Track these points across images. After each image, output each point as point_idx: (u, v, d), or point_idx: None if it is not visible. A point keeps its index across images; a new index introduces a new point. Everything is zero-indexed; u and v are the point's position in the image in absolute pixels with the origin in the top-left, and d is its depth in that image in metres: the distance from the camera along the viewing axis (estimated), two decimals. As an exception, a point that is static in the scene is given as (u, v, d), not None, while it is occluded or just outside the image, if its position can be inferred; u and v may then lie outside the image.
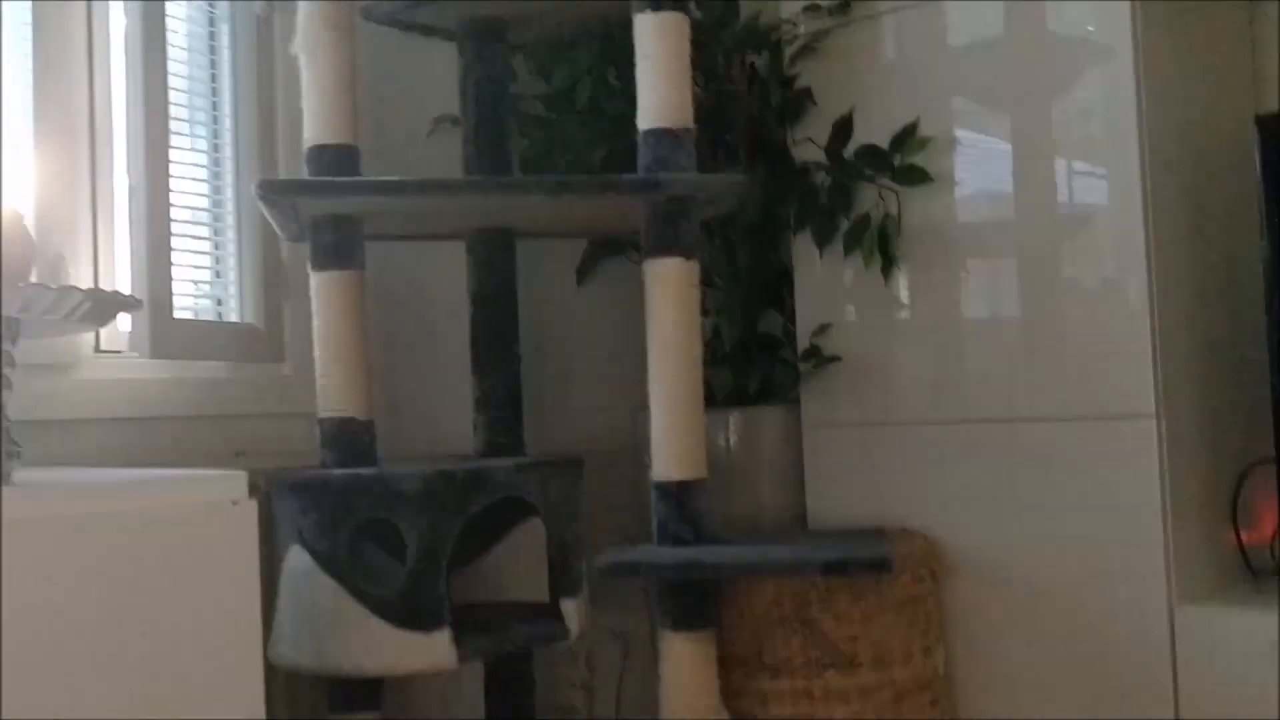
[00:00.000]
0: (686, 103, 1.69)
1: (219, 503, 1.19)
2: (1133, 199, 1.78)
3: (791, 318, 2.19)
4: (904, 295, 2.02)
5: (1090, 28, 1.83)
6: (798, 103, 2.07)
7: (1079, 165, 1.85)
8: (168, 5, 1.76)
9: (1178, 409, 1.78)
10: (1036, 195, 1.88)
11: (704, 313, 1.81)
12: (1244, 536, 1.91)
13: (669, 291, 1.68)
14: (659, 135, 1.68)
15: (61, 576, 1.05)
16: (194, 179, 1.85)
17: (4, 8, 1.59)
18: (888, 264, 1.97)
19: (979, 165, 1.94)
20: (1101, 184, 1.82)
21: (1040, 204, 1.87)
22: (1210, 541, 1.85)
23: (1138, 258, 1.77)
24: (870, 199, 2.00)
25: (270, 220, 1.77)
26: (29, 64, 1.67)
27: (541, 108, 2.16)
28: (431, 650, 1.58)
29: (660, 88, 1.68)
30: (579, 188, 1.69)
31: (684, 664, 1.70)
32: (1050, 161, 1.87)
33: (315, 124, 1.67)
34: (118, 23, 1.74)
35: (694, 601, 1.71)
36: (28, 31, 1.67)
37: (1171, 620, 1.72)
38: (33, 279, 1.31)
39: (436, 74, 2.05)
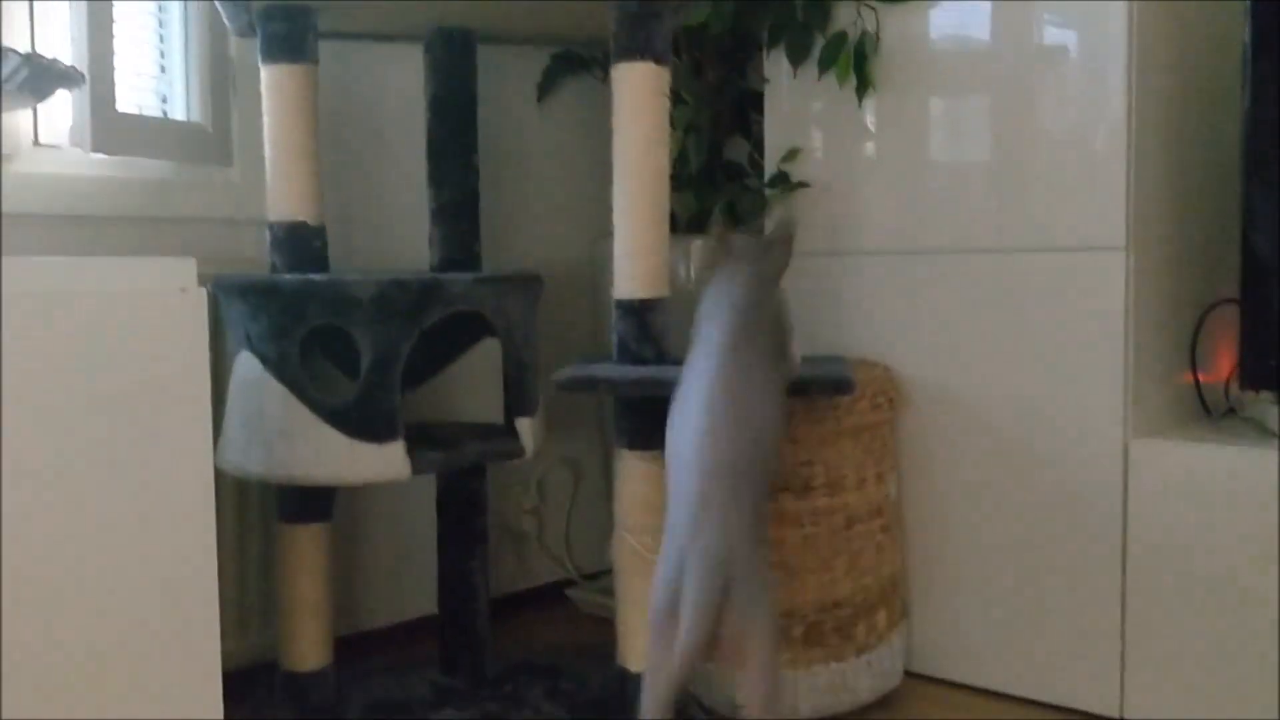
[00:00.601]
0: None
1: (168, 289, 1.13)
2: (1115, 33, 1.72)
3: (758, 146, 2.13)
4: (874, 124, 1.96)
5: None
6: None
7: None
8: None
9: (1147, 244, 1.76)
10: (1015, 24, 1.82)
11: (670, 126, 1.75)
12: (1201, 376, 1.91)
13: (638, 97, 1.61)
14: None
15: (5, 364, 1.00)
16: (136, -36, 1.75)
17: None
18: (862, 85, 1.91)
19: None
20: (1083, 16, 1.76)
21: (1019, 33, 1.82)
22: (1168, 379, 1.86)
23: (1117, 92, 1.73)
24: (848, 17, 1.93)
25: (219, 10, 1.67)
26: None
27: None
28: (385, 461, 1.55)
29: (636, -118, 1.59)
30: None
31: (639, 483, 1.68)
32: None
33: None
34: None
35: (652, 421, 1.68)
36: None
37: (1126, 453, 1.73)
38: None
39: None
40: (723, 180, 2.14)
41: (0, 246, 1.13)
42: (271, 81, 1.61)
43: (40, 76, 1.14)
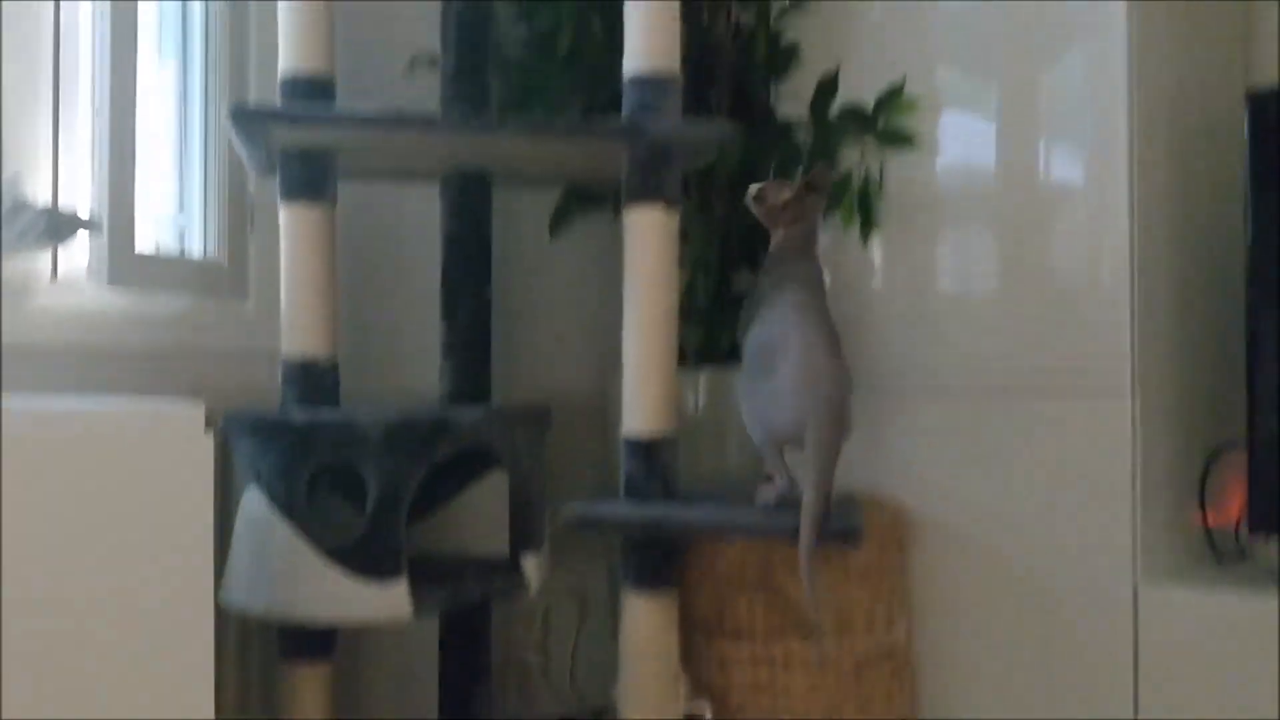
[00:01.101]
0: (674, 49, 1.65)
1: (174, 434, 1.14)
2: (1118, 174, 1.75)
3: (766, 278, 2.15)
4: (880, 261, 1.99)
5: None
6: (783, 58, 2.03)
7: (1064, 137, 1.83)
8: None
9: (1152, 388, 1.77)
10: (1020, 165, 1.85)
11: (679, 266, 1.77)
12: (1210, 519, 1.90)
13: (648, 241, 1.64)
14: (644, 80, 1.64)
15: (7, 505, 1.01)
16: (161, 104, 1.79)
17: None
18: (867, 226, 1.94)
19: (963, 131, 1.91)
20: (1087, 158, 1.80)
21: (1023, 174, 1.85)
22: (1177, 523, 1.84)
23: (1120, 233, 1.75)
24: (852, 159, 1.97)
25: (239, 151, 1.71)
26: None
27: (522, 51, 2.11)
28: (387, 601, 1.55)
29: (647, 32, 1.64)
30: (560, 130, 1.65)
31: (645, 625, 1.67)
32: (1036, 132, 1.84)
33: (291, 51, 1.61)
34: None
35: (658, 561, 1.68)
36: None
37: (1135, 600, 1.72)
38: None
39: (416, 10, 2.00)
40: (731, 312, 2.16)
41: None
42: (290, 221, 1.64)
43: (59, 226, 1.16)
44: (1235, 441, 1.85)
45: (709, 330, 2.11)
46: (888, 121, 1.92)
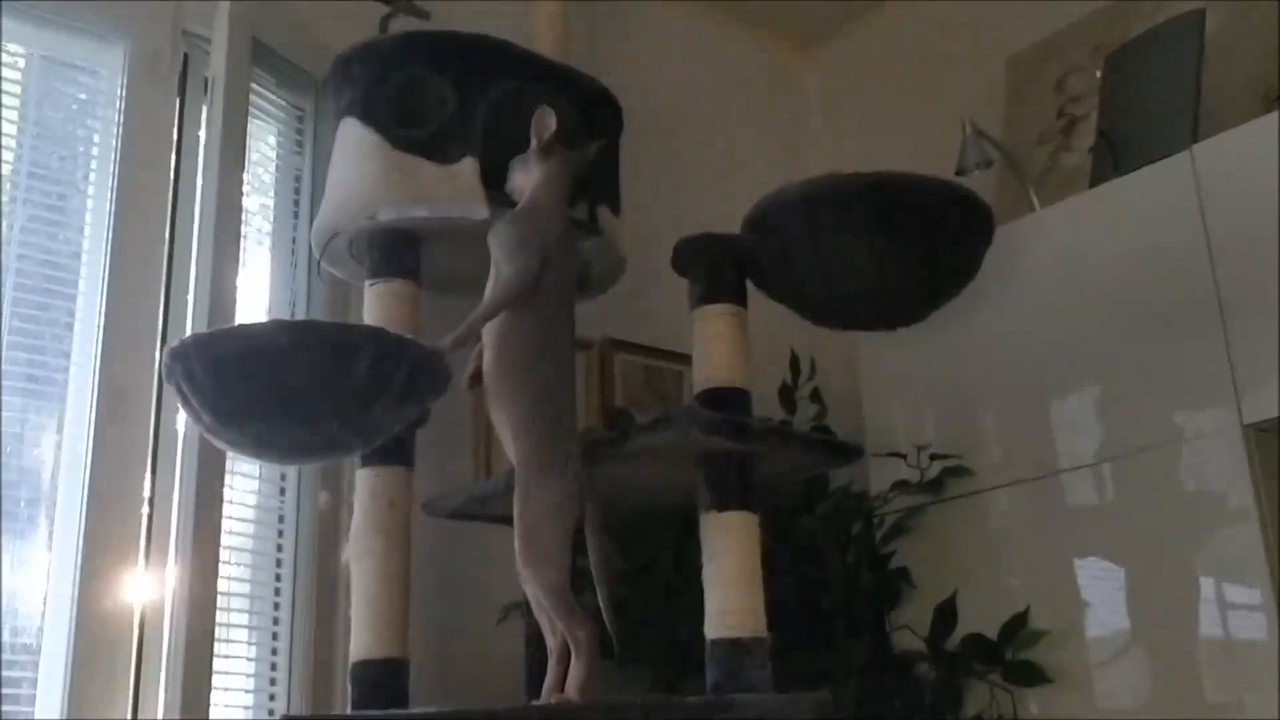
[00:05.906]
0: (758, 608, 1.54)
1: None
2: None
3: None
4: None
5: (1215, 489, 1.67)
6: (893, 584, 1.90)
7: (1216, 638, 1.64)
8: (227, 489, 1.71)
9: None
10: (1171, 670, 1.66)
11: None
12: None
13: None
14: (728, 646, 1.53)
15: None
16: (244, 690, 1.76)
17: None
18: (1007, 785, 1.73)
19: (1102, 650, 1.73)
20: (1244, 648, 1.60)
21: (1177, 682, 1.64)
22: None
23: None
24: (982, 700, 1.78)
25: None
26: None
27: (620, 588, 2.04)
28: None
29: (727, 591, 1.55)
30: (650, 708, 1.53)
31: None
32: (1186, 639, 1.65)
33: (362, 639, 1.56)
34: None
35: None
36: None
37: None
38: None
39: (506, 559, 1.96)
40: None
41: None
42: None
43: None
44: None
45: None
46: (1015, 654, 1.75)
